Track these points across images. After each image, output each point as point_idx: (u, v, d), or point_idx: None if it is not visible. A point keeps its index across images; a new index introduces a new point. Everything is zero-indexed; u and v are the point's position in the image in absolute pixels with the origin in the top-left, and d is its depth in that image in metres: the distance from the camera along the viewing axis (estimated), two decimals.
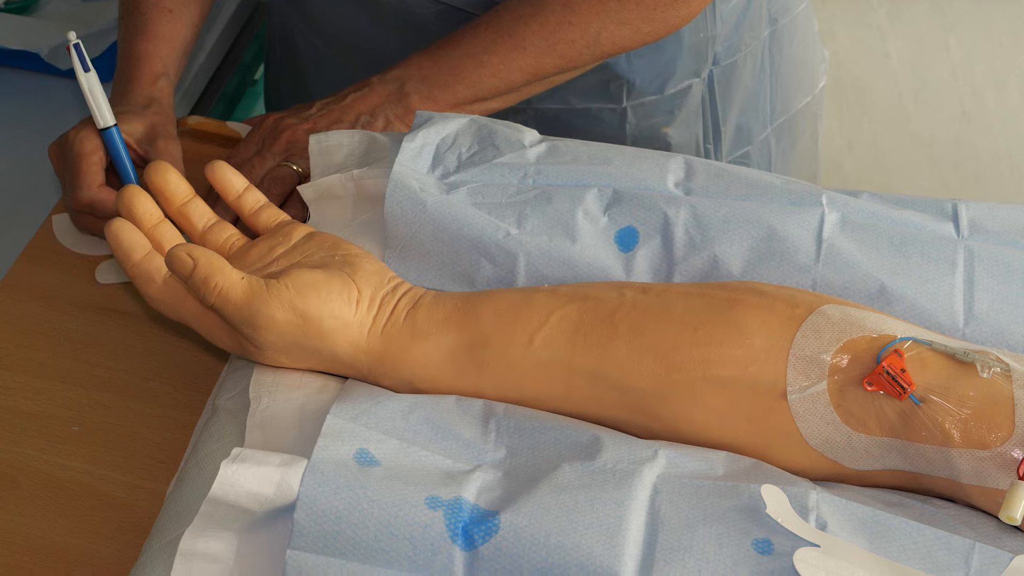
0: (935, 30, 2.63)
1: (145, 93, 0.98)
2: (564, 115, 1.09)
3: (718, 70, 1.11)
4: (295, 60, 1.20)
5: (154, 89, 0.98)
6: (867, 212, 0.81)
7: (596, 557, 0.63)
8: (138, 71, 0.99)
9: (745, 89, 1.15)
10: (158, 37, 1.00)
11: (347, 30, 1.11)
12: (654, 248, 0.80)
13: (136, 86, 0.98)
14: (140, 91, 0.98)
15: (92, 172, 0.92)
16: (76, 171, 0.92)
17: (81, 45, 0.89)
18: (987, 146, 2.43)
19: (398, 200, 0.81)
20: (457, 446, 0.70)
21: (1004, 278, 0.78)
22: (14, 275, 0.92)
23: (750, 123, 1.18)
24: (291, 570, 0.64)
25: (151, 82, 0.98)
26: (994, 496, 0.67)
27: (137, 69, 0.99)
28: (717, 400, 0.70)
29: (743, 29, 1.12)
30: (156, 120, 0.96)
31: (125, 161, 0.92)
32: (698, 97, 1.11)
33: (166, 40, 1.00)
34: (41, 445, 0.81)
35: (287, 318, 0.73)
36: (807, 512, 0.65)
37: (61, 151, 0.95)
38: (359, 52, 1.11)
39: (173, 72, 1.01)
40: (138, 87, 0.98)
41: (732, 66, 1.12)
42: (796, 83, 1.22)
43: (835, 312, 0.71)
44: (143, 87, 0.98)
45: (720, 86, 1.12)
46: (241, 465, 0.67)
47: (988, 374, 0.68)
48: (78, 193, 0.91)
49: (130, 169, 0.93)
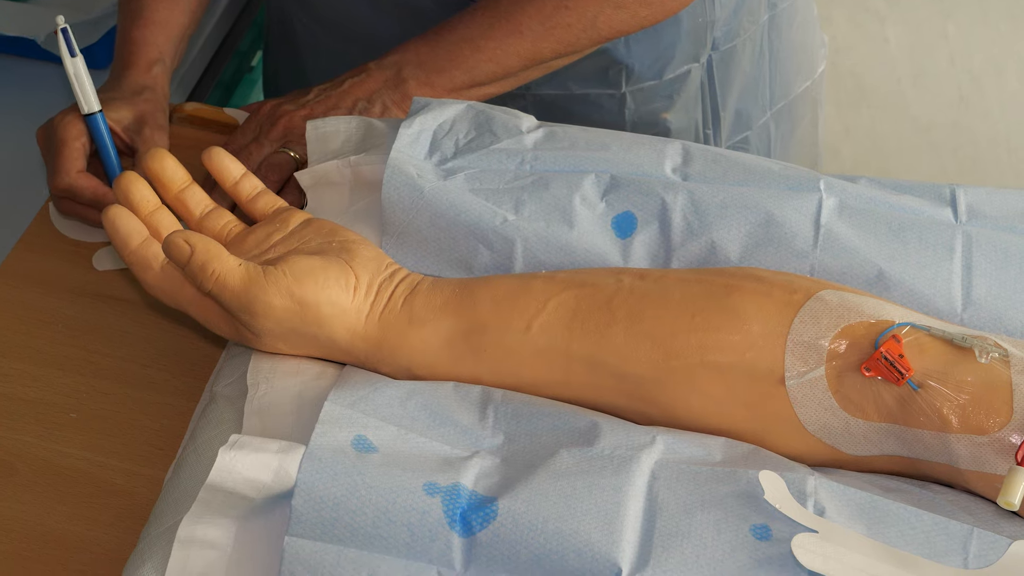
0: (934, 16, 2.63)
1: (139, 80, 0.97)
2: (563, 101, 1.08)
3: (717, 55, 1.11)
4: (293, 46, 1.19)
5: (148, 76, 0.98)
6: (865, 197, 0.81)
7: (594, 543, 0.63)
8: (133, 57, 0.99)
9: (744, 74, 1.15)
10: (155, 23, 0.99)
11: (346, 15, 1.11)
12: (652, 234, 0.80)
13: (131, 73, 0.98)
14: (134, 78, 0.98)
15: (72, 158, 0.92)
16: (57, 156, 0.92)
17: (69, 30, 0.89)
18: (985, 131, 2.43)
19: (395, 186, 0.81)
20: (455, 432, 0.70)
21: (1002, 263, 0.78)
22: (11, 262, 0.92)
23: (749, 108, 1.17)
24: (289, 557, 0.64)
25: (146, 69, 0.98)
26: (992, 481, 0.67)
27: (132, 55, 0.99)
28: (715, 386, 0.70)
29: (742, 14, 1.11)
30: (145, 108, 0.96)
31: (109, 148, 0.92)
32: (697, 82, 1.11)
33: (162, 26, 1.00)
34: (39, 432, 0.81)
35: (284, 305, 0.73)
36: (805, 498, 0.65)
37: (46, 135, 0.95)
38: (357, 38, 1.11)
39: (169, 59, 1.00)
40: (133, 74, 0.98)
41: (731, 51, 1.12)
42: (795, 68, 1.22)
43: (833, 298, 0.71)
44: (138, 74, 0.98)
45: (719, 71, 1.12)
46: (239, 452, 0.67)
47: (986, 359, 0.68)
48: (57, 178, 0.92)
49: (113, 157, 0.92)
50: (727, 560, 0.63)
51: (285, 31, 1.20)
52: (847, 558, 0.62)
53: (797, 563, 0.62)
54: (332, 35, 1.14)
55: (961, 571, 0.63)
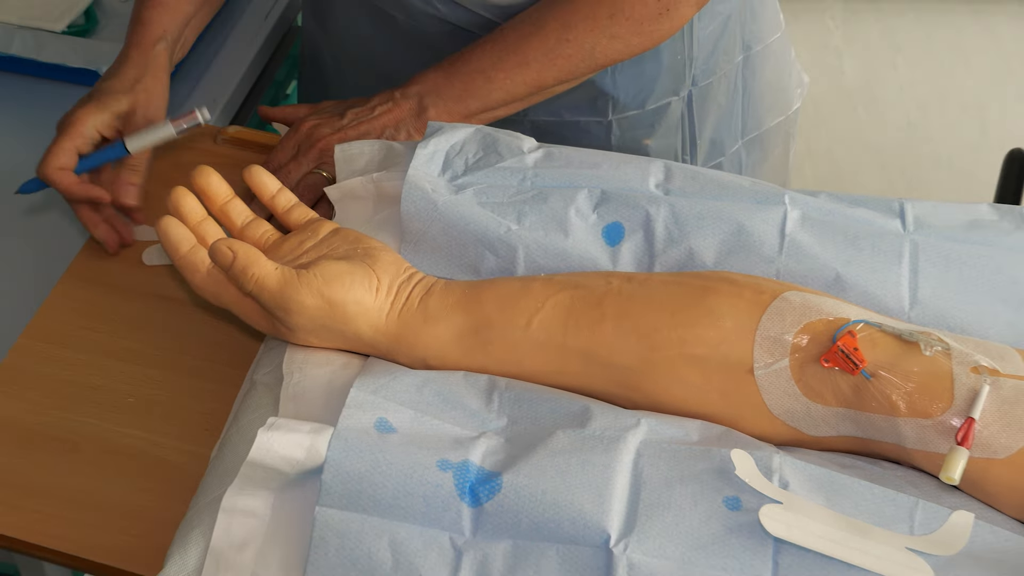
0: (885, 50, 2.63)
1: (142, 59, 0.96)
2: (556, 127, 1.08)
3: (696, 90, 1.11)
4: (322, 75, 1.19)
5: (151, 53, 0.97)
6: (824, 210, 0.81)
7: (587, 512, 0.63)
8: (138, 37, 0.97)
9: (719, 107, 1.14)
10: (162, 5, 0.99)
11: (366, 48, 1.11)
12: (637, 242, 0.80)
13: (135, 52, 0.97)
14: (138, 58, 0.96)
15: (61, 153, 0.91)
16: (52, 145, 0.91)
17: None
18: (929, 153, 2.43)
19: (412, 200, 0.81)
20: (464, 415, 0.70)
21: (945, 268, 0.77)
22: (76, 266, 0.92)
23: (723, 137, 1.17)
24: (319, 524, 0.64)
25: (150, 46, 0.97)
26: (935, 459, 0.67)
27: (139, 34, 0.98)
28: (693, 375, 0.70)
29: (718, 54, 1.11)
30: (139, 99, 0.94)
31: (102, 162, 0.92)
32: (677, 113, 1.11)
33: (169, 8, 0.99)
34: (100, 414, 0.81)
35: (316, 303, 0.73)
36: (771, 473, 0.65)
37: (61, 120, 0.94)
38: (377, 67, 1.11)
39: (172, 37, 0.99)
40: (137, 53, 0.97)
41: (708, 87, 1.12)
42: (768, 104, 1.21)
43: (796, 298, 0.71)
44: (141, 53, 0.97)
45: (697, 104, 1.12)
46: (276, 432, 0.67)
47: (930, 352, 0.68)
48: (41, 164, 0.91)
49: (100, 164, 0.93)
50: (703, 527, 0.63)
51: (316, 62, 1.19)
52: (808, 526, 0.62)
53: (764, 530, 0.62)
54: (355, 65, 1.14)
55: (908, 537, 0.63)
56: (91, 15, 1.30)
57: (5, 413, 0.81)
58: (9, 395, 0.82)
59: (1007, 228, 0.81)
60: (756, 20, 1.15)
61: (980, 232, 0.80)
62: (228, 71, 1.26)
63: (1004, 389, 0.66)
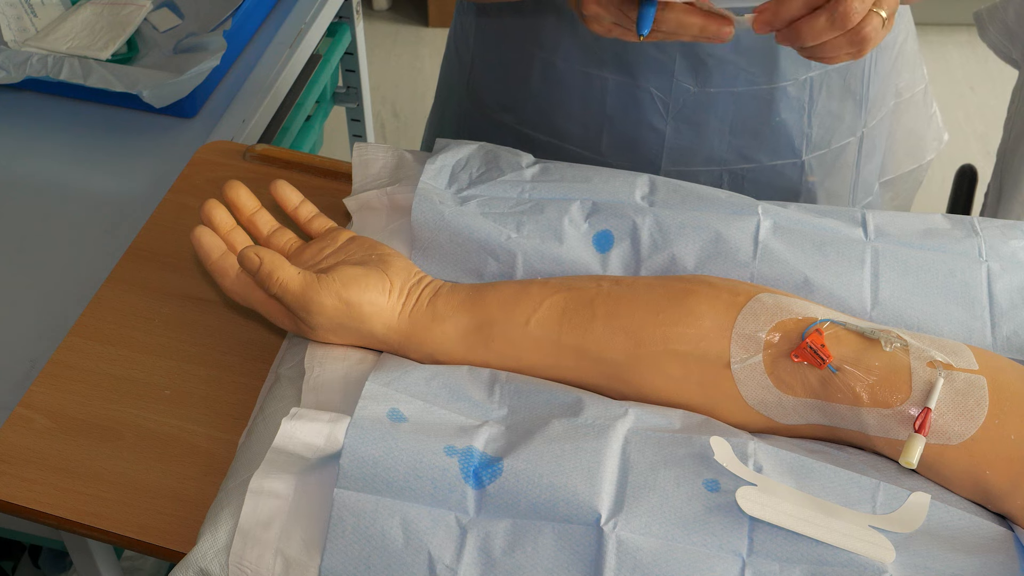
0: None
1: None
2: (752, 173, 0.99)
3: (867, 130, 1.03)
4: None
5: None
6: (794, 219, 0.81)
7: (579, 494, 0.63)
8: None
9: (875, 149, 1.08)
10: None
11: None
12: (625, 248, 0.79)
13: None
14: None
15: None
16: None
17: None
18: None
19: (422, 211, 0.80)
20: (469, 406, 0.70)
21: (903, 272, 0.77)
22: (119, 270, 0.92)
23: (871, 180, 1.10)
24: (338, 505, 0.64)
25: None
26: (895, 446, 0.67)
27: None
28: (675, 369, 0.70)
29: (883, 96, 1.05)
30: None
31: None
32: (854, 151, 1.05)
33: None
34: (140, 405, 0.80)
35: (334, 304, 0.72)
36: (747, 458, 0.65)
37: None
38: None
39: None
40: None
41: (875, 127, 1.05)
42: (907, 151, 1.14)
43: (769, 299, 0.71)
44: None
45: (867, 144, 1.05)
46: (298, 421, 0.66)
47: (890, 348, 0.67)
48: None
49: None
50: (684, 508, 0.63)
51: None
52: (780, 506, 0.62)
53: (740, 510, 0.62)
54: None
55: (871, 516, 0.63)
56: (133, 44, 1.30)
57: (54, 404, 0.80)
58: (58, 388, 0.81)
59: (958, 236, 0.80)
60: (906, 69, 1.10)
61: (934, 239, 0.80)
62: (256, 96, 1.26)
63: (957, 382, 0.66)
